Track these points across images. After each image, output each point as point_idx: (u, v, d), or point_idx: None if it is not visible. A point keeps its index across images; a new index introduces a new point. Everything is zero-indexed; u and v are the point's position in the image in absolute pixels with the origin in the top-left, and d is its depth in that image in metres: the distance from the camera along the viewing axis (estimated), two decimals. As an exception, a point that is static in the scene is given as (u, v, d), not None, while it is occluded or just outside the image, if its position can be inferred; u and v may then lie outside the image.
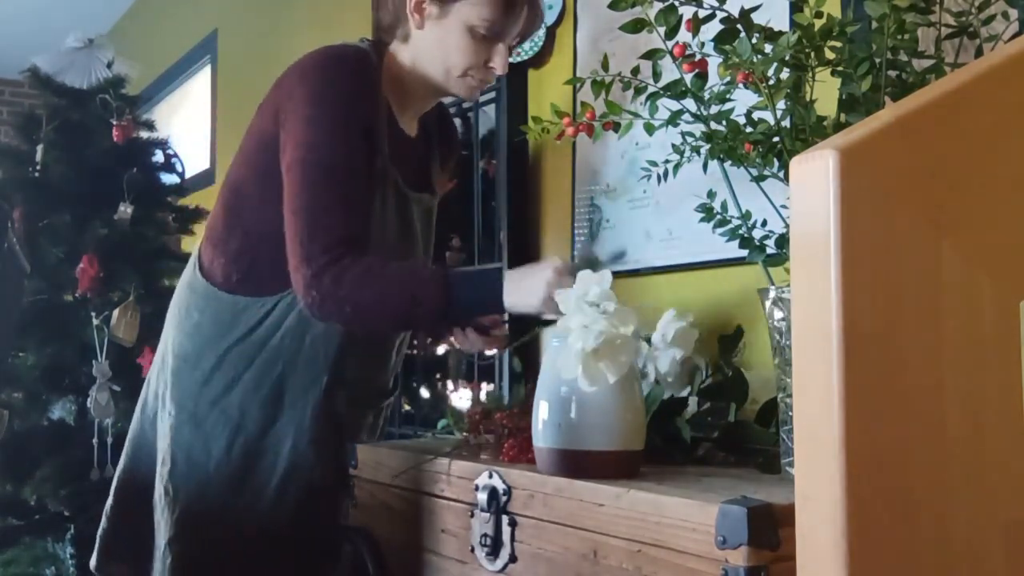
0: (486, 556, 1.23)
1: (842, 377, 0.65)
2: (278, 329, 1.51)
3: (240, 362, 1.52)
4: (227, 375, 1.52)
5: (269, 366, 1.51)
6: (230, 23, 3.91)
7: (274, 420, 1.51)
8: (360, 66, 1.49)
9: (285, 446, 1.50)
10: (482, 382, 2.09)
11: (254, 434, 1.51)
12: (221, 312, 1.55)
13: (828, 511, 0.65)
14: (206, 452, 1.51)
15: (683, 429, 1.30)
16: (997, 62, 0.74)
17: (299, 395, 1.52)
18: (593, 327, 1.09)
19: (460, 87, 1.53)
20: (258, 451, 1.51)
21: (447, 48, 1.49)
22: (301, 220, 1.41)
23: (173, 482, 1.52)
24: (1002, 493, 0.71)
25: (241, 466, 1.50)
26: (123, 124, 2.84)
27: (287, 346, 1.51)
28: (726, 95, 1.20)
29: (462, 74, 1.50)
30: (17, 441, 2.71)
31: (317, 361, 1.51)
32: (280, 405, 1.51)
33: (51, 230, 2.77)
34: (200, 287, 1.58)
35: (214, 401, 1.52)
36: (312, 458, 1.51)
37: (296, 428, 1.51)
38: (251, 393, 1.51)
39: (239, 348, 1.52)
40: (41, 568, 2.70)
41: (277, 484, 1.50)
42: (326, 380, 1.51)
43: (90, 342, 2.67)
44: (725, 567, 0.92)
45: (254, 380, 1.52)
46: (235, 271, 1.55)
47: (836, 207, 0.66)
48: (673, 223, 1.73)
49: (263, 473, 1.50)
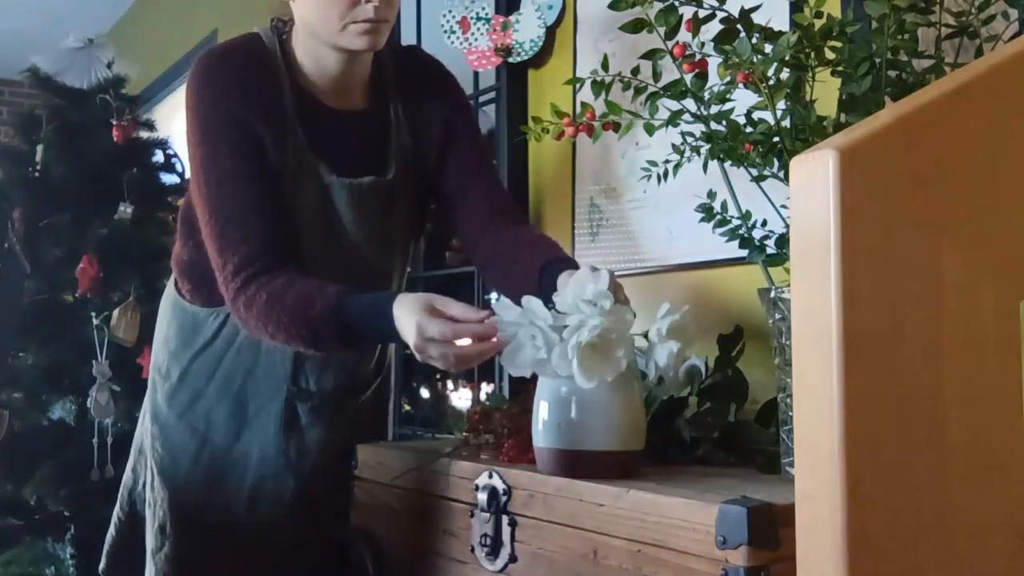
0: (486, 556, 1.23)
1: (842, 377, 0.65)
2: (233, 341, 1.50)
3: (202, 374, 1.51)
4: (191, 387, 1.52)
5: (229, 377, 1.50)
6: (230, 23, 3.91)
7: (239, 432, 1.50)
8: (236, 58, 1.41)
9: (253, 457, 1.50)
10: (482, 382, 2.08)
11: (221, 446, 1.50)
12: (185, 323, 1.55)
13: (828, 511, 0.65)
14: (175, 464, 1.51)
15: (683, 429, 1.30)
16: (997, 62, 0.74)
17: (263, 405, 1.50)
18: (588, 322, 1.09)
19: (350, 40, 1.38)
20: (226, 463, 1.50)
21: (316, 7, 1.38)
22: (211, 242, 1.37)
23: (154, 494, 1.53)
24: (1002, 493, 0.71)
25: (211, 477, 1.50)
26: (123, 124, 2.84)
27: (243, 357, 1.50)
28: (726, 95, 1.20)
29: (342, 25, 1.36)
30: (17, 441, 2.71)
31: (275, 371, 1.50)
32: (244, 416, 1.50)
33: (51, 230, 2.76)
34: (171, 298, 1.59)
35: (181, 414, 1.52)
36: (280, 468, 1.49)
37: (262, 438, 1.50)
38: (215, 405, 1.51)
39: (200, 360, 1.52)
40: (41, 568, 2.70)
41: (248, 494, 1.49)
42: (287, 389, 1.50)
43: (90, 342, 2.67)
44: (725, 567, 0.92)
45: (217, 392, 1.51)
46: (187, 282, 1.55)
47: (836, 207, 0.66)
48: (673, 223, 1.73)
49: (233, 484, 1.50)
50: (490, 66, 2.10)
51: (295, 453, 1.51)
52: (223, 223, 1.36)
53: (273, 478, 1.49)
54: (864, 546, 0.65)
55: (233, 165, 1.37)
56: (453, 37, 2.08)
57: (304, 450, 1.52)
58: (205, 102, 1.38)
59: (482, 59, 2.09)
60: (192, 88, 1.40)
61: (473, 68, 2.11)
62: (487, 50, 2.07)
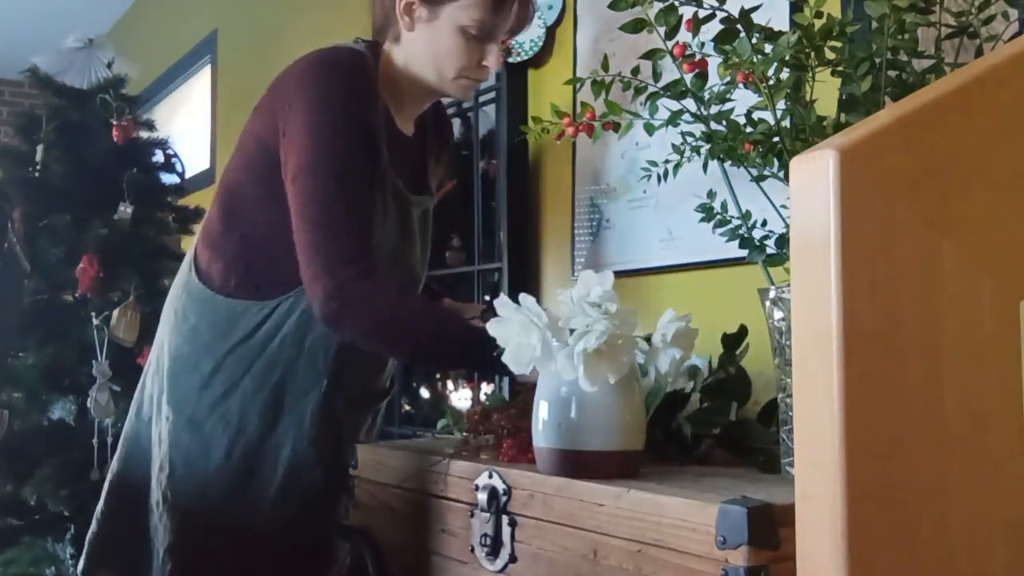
0: (486, 556, 1.23)
1: (842, 377, 0.65)
2: (277, 333, 1.50)
3: (239, 366, 1.51)
4: (226, 379, 1.51)
5: (268, 370, 1.50)
6: (230, 23, 3.92)
7: (274, 424, 1.50)
8: (357, 69, 1.47)
9: (285, 449, 1.50)
10: (482, 382, 2.09)
11: (254, 438, 1.50)
12: (219, 316, 1.54)
13: (828, 511, 0.65)
14: (206, 457, 1.50)
15: (684, 425, 1.30)
16: (997, 62, 0.74)
17: (298, 399, 1.51)
18: (595, 328, 1.09)
19: (454, 88, 1.51)
20: (258, 455, 1.50)
21: (439, 50, 1.47)
22: (316, 231, 1.39)
23: (172, 488, 1.51)
24: (1002, 493, 0.71)
25: (242, 470, 1.49)
26: (123, 124, 2.85)
27: (286, 350, 1.50)
28: (726, 95, 1.20)
29: (455, 76, 1.49)
30: (17, 441, 2.71)
31: (316, 365, 1.51)
32: (280, 409, 1.51)
33: (51, 230, 2.77)
34: (197, 291, 1.57)
35: (213, 406, 1.51)
36: (312, 460, 1.50)
37: (296, 431, 1.50)
38: (250, 397, 1.50)
39: (238, 352, 1.51)
40: (41, 568, 2.70)
41: (278, 487, 1.50)
42: (325, 384, 1.51)
43: (90, 342, 2.67)
44: (725, 567, 0.92)
45: (253, 384, 1.51)
46: (233, 275, 1.54)
47: (836, 207, 0.66)
48: (673, 223, 1.73)
49: (264, 477, 1.50)
50: (490, 66, 2.10)
51: (327, 446, 1.52)
52: (337, 215, 1.40)
53: (305, 470, 1.50)
54: (864, 546, 0.65)
55: (353, 164, 1.42)
56: (453, 37, 2.08)
57: (336, 444, 1.54)
58: (334, 101, 1.43)
59: (482, 59, 2.08)
60: (313, 86, 1.44)
61: (473, 68, 2.11)
62: (487, 50, 2.07)
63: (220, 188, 1.59)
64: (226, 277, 1.54)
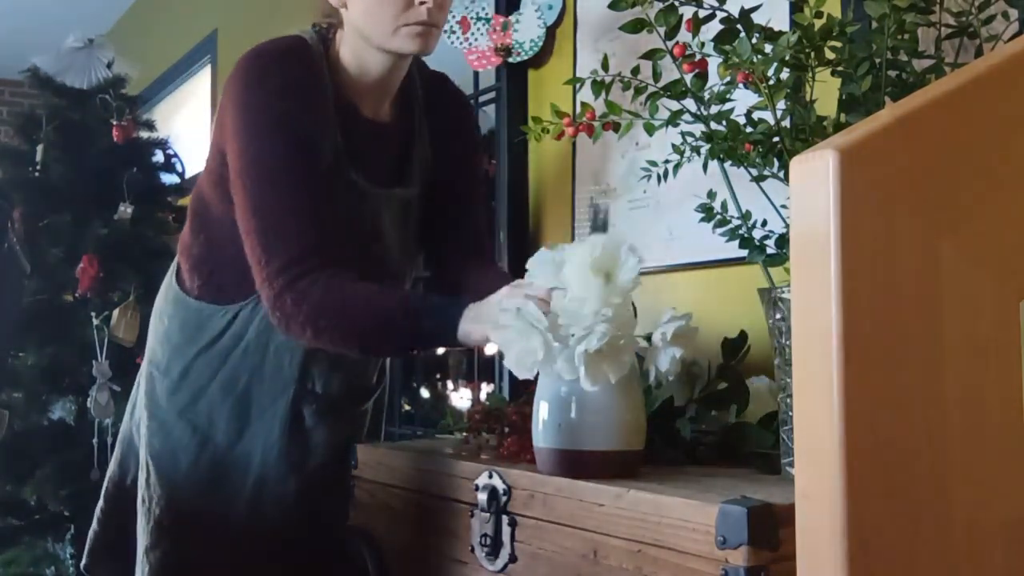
0: (486, 556, 1.23)
1: (842, 377, 0.65)
2: (241, 339, 1.49)
3: (206, 371, 1.50)
4: (193, 385, 1.51)
5: (234, 376, 1.49)
6: (230, 23, 3.91)
7: (241, 431, 1.49)
8: (288, 59, 1.42)
9: (255, 458, 1.49)
10: (482, 382, 2.09)
11: (222, 445, 1.49)
12: (188, 319, 1.53)
13: (828, 511, 0.65)
14: (174, 462, 1.50)
15: (683, 427, 1.30)
16: (997, 62, 0.74)
17: (267, 406, 1.49)
18: (597, 329, 1.09)
19: (402, 42, 1.40)
20: (227, 462, 1.49)
21: (370, 7, 1.40)
22: (255, 238, 1.36)
23: (148, 491, 1.51)
24: (1002, 493, 0.71)
25: (211, 477, 1.49)
26: (123, 124, 2.85)
27: (250, 357, 1.49)
28: (726, 95, 1.20)
29: (395, 27, 1.39)
30: (17, 441, 2.71)
31: (282, 372, 1.49)
32: (247, 416, 1.49)
33: (51, 230, 2.77)
34: (172, 293, 1.57)
35: (181, 411, 1.51)
36: (283, 472, 1.49)
37: (264, 439, 1.49)
38: (218, 404, 1.49)
39: (204, 357, 1.50)
40: (41, 568, 2.70)
41: (250, 495, 1.48)
42: (294, 390, 1.49)
43: (90, 342, 2.67)
44: (725, 567, 0.92)
45: (220, 390, 1.50)
46: (197, 277, 1.53)
47: (836, 207, 0.66)
48: (673, 223, 1.73)
49: (234, 484, 1.49)
50: (490, 66, 2.11)
51: (297, 455, 1.50)
52: (271, 220, 1.35)
53: (274, 480, 1.49)
54: (864, 546, 0.65)
55: (285, 164, 1.37)
56: (453, 37, 2.08)
57: (306, 452, 1.51)
58: (257, 100, 1.39)
59: (482, 59, 2.09)
60: (240, 85, 1.40)
61: (473, 68, 2.11)
62: (487, 50, 2.07)
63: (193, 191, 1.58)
64: (192, 280, 1.54)
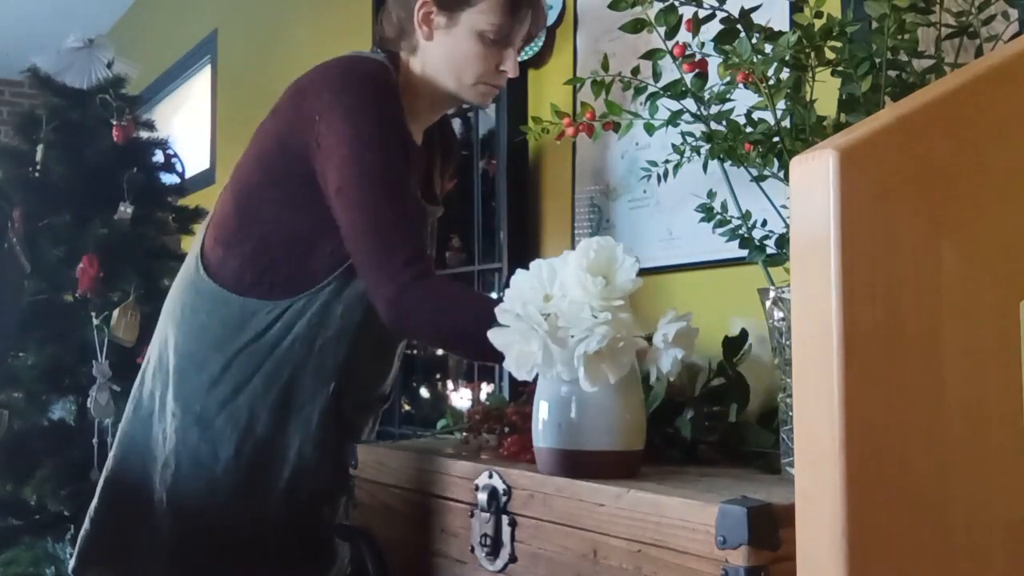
0: (486, 556, 1.23)
1: (842, 377, 0.65)
2: (288, 334, 1.51)
3: (249, 365, 1.51)
4: (235, 378, 1.52)
5: (278, 370, 1.51)
6: (230, 23, 3.92)
7: (283, 424, 1.51)
8: (387, 80, 1.50)
9: (292, 449, 1.51)
10: (482, 382, 2.09)
11: (263, 437, 1.51)
12: (231, 314, 1.54)
13: (828, 511, 0.65)
14: (214, 455, 1.50)
15: (683, 427, 1.30)
16: (997, 62, 0.74)
17: (307, 399, 1.52)
18: (596, 330, 1.09)
19: (474, 95, 1.54)
20: (267, 454, 1.50)
21: (458, 57, 1.50)
22: (369, 240, 1.41)
23: (176, 486, 1.51)
24: (1002, 493, 0.71)
25: (250, 469, 1.50)
26: (123, 124, 2.85)
27: (296, 352, 1.51)
28: (726, 95, 1.20)
29: (475, 82, 1.51)
30: (17, 441, 2.71)
31: (326, 367, 1.52)
32: (288, 409, 1.51)
33: (51, 230, 2.77)
34: (207, 288, 1.56)
35: (222, 404, 1.51)
36: (317, 462, 1.51)
37: (303, 432, 1.51)
38: (260, 397, 1.51)
39: (248, 351, 1.52)
40: (41, 568, 2.70)
41: (284, 487, 1.50)
42: (334, 385, 1.52)
43: (90, 342, 2.67)
44: (725, 567, 0.92)
45: (263, 384, 1.51)
46: (248, 274, 1.54)
47: (836, 207, 0.66)
48: (673, 223, 1.73)
49: (271, 476, 1.50)
50: (490, 66, 2.10)
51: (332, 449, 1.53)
52: (387, 223, 1.41)
53: (309, 472, 1.51)
54: (864, 546, 0.65)
55: (398, 171, 1.45)
56: (453, 37, 2.08)
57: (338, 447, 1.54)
58: (375, 109, 1.46)
59: (482, 59, 2.08)
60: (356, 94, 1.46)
61: (473, 68, 2.11)
62: (487, 50, 2.07)
63: (234, 186, 1.58)
64: (240, 276, 1.54)
